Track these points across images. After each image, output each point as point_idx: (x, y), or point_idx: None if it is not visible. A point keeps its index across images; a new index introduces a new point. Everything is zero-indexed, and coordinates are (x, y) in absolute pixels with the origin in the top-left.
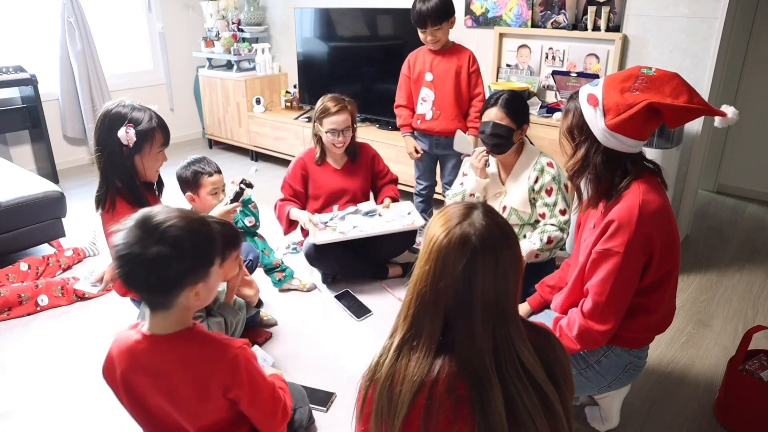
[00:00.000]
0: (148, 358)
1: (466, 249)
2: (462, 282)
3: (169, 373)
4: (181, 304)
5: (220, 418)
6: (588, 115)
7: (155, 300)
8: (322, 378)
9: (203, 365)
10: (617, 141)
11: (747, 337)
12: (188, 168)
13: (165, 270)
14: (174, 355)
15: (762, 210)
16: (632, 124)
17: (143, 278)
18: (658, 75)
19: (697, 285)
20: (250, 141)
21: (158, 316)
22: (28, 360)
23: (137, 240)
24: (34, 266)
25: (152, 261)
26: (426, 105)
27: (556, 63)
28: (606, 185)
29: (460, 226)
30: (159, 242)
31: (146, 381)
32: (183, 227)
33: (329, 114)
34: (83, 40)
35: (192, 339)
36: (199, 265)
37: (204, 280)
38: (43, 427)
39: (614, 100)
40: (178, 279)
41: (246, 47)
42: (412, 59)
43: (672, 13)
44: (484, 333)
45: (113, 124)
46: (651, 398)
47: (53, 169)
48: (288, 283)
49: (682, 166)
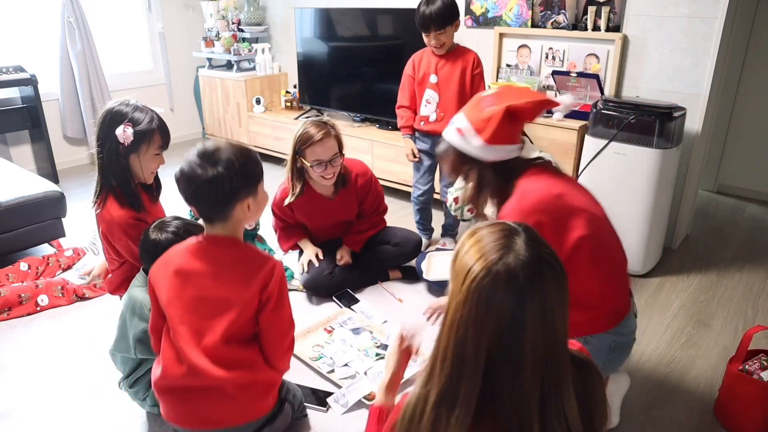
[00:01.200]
0: (208, 251)
1: (512, 289)
2: (509, 328)
3: (221, 263)
4: (236, 216)
5: (242, 326)
6: (463, 145)
7: (215, 213)
8: (321, 379)
9: (251, 262)
10: (498, 152)
11: (747, 337)
12: None
13: (223, 185)
14: (230, 250)
15: (762, 210)
16: (502, 131)
17: (206, 195)
18: (498, 90)
19: (697, 285)
20: (250, 141)
21: (216, 227)
22: (28, 360)
23: (198, 165)
24: (34, 266)
25: (212, 180)
26: (430, 107)
27: (556, 63)
28: (504, 194)
29: (503, 262)
30: (215, 165)
31: (201, 270)
32: (233, 152)
33: (312, 143)
34: (83, 40)
35: (244, 243)
36: (248, 181)
37: (253, 195)
38: (43, 427)
39: (478, 117)
40: (234, 193)
41: (246, 47)
42: (417, 60)
43: (672, 13)
44: (532, 385)
45: (113, 122)
46: (651, 398)
47: (53, 169)
48: (288, 283)
49: (682, 166)
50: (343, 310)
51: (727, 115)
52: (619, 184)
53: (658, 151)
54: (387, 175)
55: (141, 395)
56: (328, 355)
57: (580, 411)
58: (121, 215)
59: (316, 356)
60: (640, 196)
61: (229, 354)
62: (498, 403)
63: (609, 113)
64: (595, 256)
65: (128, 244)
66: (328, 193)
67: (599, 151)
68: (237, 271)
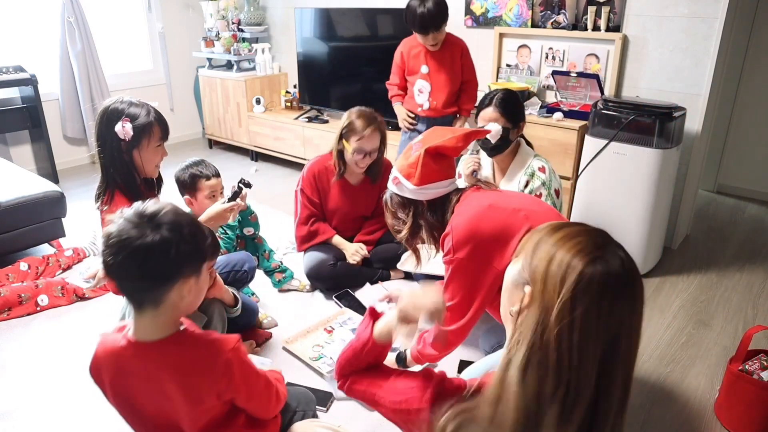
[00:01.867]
0: (135, 365)
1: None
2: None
3: (158, 380)
4: (171, 302)
5: (214, 416)
6: (400, 192)
7: (145, 295)
8: (321, 379)
9: (194, 372)
10: (433, 191)
11: (747, 337)
12: (186, 171)
13: (165, 256)
14: (162, 361)
15: (762, 210)
16: (429, 171)
17: (138, 266)
18: (425, 135)
19: (697, 285)
20: (250, 141)
21: (146, 317)
22: (28, 360)
23: (134, 227)
24: (34, 266)
25: (151, 247)
26: (423, 96)
27: (556, 63)
28: (439, 226)
29: (614, 256)
30: (158, 228)
31: (135, 386)
32: (180, 214)
33: (357, 133)
34: (83, 40)
35: (181, 343)
36: (196, 254)
37: (197, 275)
38: (43, 427)
39: (405, 165)
40: (177, 267)
41: (246, 47)
42: (406, 52)
43: (672, 13)
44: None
45: (111, 120)
46: (651, 398)
47: (53, 169)
48: (288, 283)
49: (682, 166)
50: (343, 310)
51: (727, 115)
52: (619, 184)
53: (658, 151)
54: None
55: None
56: (327, 355)
57: None
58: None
59: (316, 356)
60: (640, 196)
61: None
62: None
63: (609, 113)
64: None
65: None
66: (355, 180)
67: (599, 151)
68: (177, 384)
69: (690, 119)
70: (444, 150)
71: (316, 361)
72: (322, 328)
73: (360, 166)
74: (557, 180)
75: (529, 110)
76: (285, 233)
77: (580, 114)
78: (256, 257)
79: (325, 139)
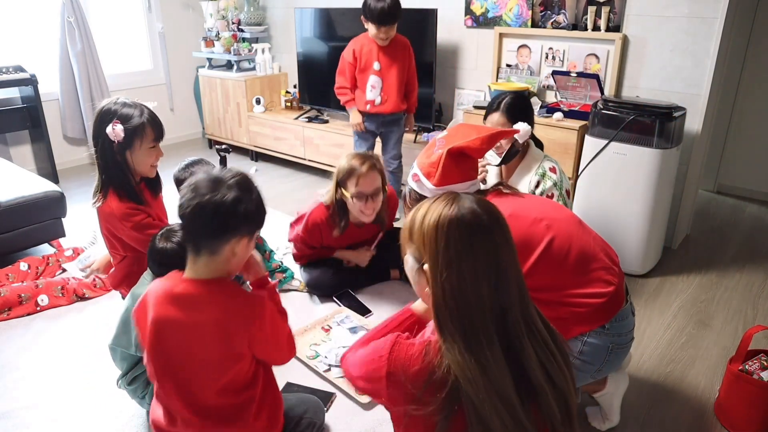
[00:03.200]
0: (186, 300)
1: (481, 225)
2: (492, 261)
3: (204, 316)
4: (224, 255)
5: (237, 376)
6: (419, 189)
7: (205, 242)
8: (322, 378)
9: (234, 311)
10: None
11: (747, 337)
12: (186, 170)
13: (234, 211)
14: (209, 297)
15: (762, 210)
16: (449, 173)
17: (209, 215)
18: (450, 132)
19: (697, 285)
20: (250, 141)
21: (200, 262)
22: (28, 360)
23: (210, 187)
24: (34, 266)
25: (225, 202)
26: (375, 91)
27: (556, 63)
28: None
29: (464, 206)
30: (230, 188)
31: (178, 322)
32: (249, 182)
33: (355, 175)
34: (83, 40)
35: (227, 287)
36: (258, 216)
37: (250, 237)
38: (43, 427)
39: (425, 164)
40: (238, 223)
41: (246, 47)
42: (358, 48)
43: (672, 13)
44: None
45: (104, 121)
46: (651, 398)
47: (53, 169)
48: (288, 284)
49: (682, 166)
50: (341, 308)
51: (727, 115)
52: (619, 184)
53: (658, 151)
54: None
55: (140, 393)
56: (323, 353)
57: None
58: (119, 206)
59: (312, 355)
60: (640, 196)
61: (224, 404)
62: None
63: (609, 113)
64: (563, 255)
65: (130, 231)
66: (359, 221)
67: (599, 151)
68: (220, 329)
69: (690, 119)
70: (467, 151)
71: (313, 359)
72: (319, 326)
73: (366, 213)
74: (567, 180)
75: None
76: (285, 233)
77: (580, 114)
78: None
79: (325, 139)
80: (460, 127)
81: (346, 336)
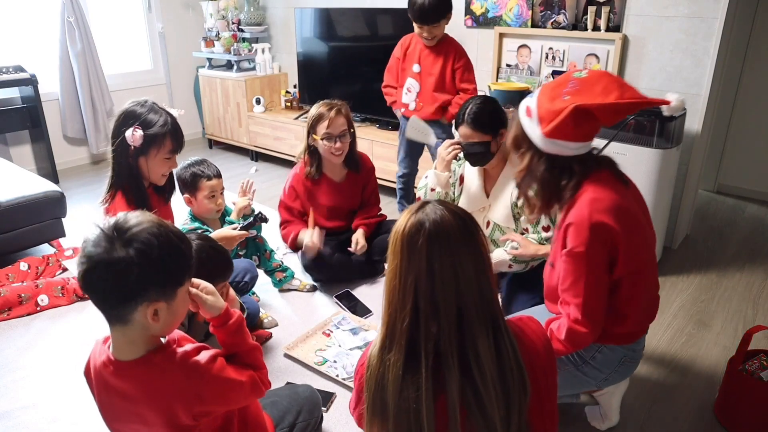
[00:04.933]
0: (114, 383)
1: (420, 233)
2: (425, 271)
3: (135, 401)
4: (138, 322)
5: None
6: (526, 126)
7: (111, 311)
8: (322, 379)
9: (166, 396)
10: (558, 146)
11: (747, 337)
12: (187, 170)
13: (125, 275)
14: (136, 384)
15: (762, 210)
16: (565, 129)
17: (101, 281)
18: (588, 77)
19: (697, 285)
20: (250, 141)
21: (117, 333)
22: (28, 360)
23: (107, 240)
24: (34, 266)
25: (114, 264)
26: (410, 95)
27: (556, 63)
28: (552, 190)
29: (415, 215)
30: (126, 245)
31: (117, 404)
32: (156, 234)
33: (323, 119)
34: (83, 40)
35: (153, 365)
36: (164, 279)
37: (167, 300)
38: (43, 427)
39: (545, 107)
40: (138, 289)
41: (246, 47)
42: (405, 45)
43: (672, 13)
44: (448, 328)
45: (126, 122)
46: (651, 398)
47: (53, 169)
48: (288, 283)
49: (682, 166)
50: (338, 311)
51: (727, 115)
52: None
53: (658, 151)
54: (387, 175)
55: None
56: (330, 358)
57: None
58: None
59: (320, 361)
60: None
61: None
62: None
63: None
64: (647, 279)
65: None
66: (339, 177)
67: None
68: (154, 408)
69: (690, 119)
70: (597, 113)
71: (321, 365)
72: (320, 332)
73: (335, 153)
74: None
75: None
76: None
77: None
78: (257, 257)
79: None
80: (603, 76)
81: (348, 338)
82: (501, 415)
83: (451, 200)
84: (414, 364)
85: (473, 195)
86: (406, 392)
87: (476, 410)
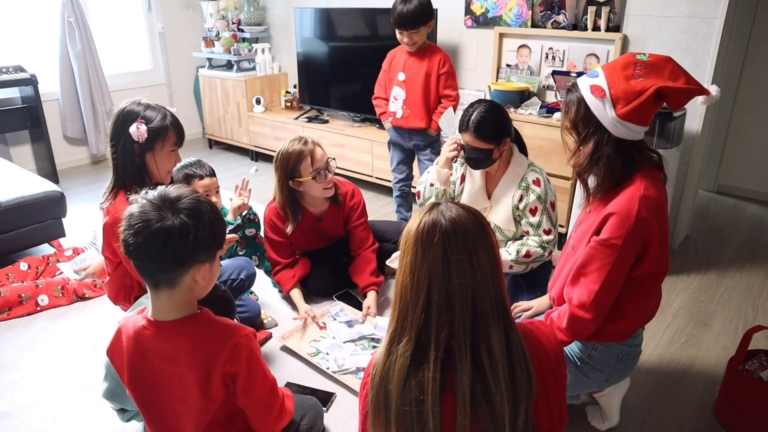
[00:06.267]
0: (154, 345)
1: (437, 229)
2: (441, 266)
3: (175, 360)
4: (185, 284)
5: (217, 416)
6: (595, 107)
7: (163, 275)
8: (322, 378)
9: (205, 352)
10: (627, 129)
11: (747, 337)
12: (181, 171)
13: (184, 240)
14: (178, 341)
15: (762, 210)
16: (642, 111)
17: (157, 249)
18: (653, 60)
19: (697, 285)
20: (250, 141)
21: (161, 298)
22: (27, 360)
23: (155, 209)
24: (34, 266)
25: (170, 230)
26: (397, 103)
27: (556, 63)
28: (618, 177)
29: (429, 214)
30: (178, 213)
31: (153, 368)
32: (201, 201)
33: (303, 157)
34: (83, 40)
35: (196, 324)
36: (213, 241)
37: (211, 261)
38: (43, 427)
39: (622, 88)
40: (193, 252)
41: (246, 47)
42: (391, 56)
43: (672, 13)
44: (462, 320)
45: (126, 121)
46: (651, 398)
47: (53, 169)
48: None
49: (682, 166)
50: (335, 303)
51: (727, 115)
52: None
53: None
54: (388, 175)
55: (125, 418)
56: (323, 350)
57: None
58: None
59: (313, 352)
60: None
61: None
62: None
63: None
64: (658, 284)
65: None
66: (319, 212)
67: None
68: (193, 365)
69: (690, 119)
70: (671, 98)
71: (314, 357)
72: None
73: (328, 188)
74: (552, 191)
75: (529, 110)
76: None
77: None
78: (257, 257)
79: (325, 140)
80: (667, 60)
81: (344, 330)
82: (510, 408)
83: (450, 198)
84: (422, 356)
85: (474, 195)
86: (410, 383)
87: (484, 404)
